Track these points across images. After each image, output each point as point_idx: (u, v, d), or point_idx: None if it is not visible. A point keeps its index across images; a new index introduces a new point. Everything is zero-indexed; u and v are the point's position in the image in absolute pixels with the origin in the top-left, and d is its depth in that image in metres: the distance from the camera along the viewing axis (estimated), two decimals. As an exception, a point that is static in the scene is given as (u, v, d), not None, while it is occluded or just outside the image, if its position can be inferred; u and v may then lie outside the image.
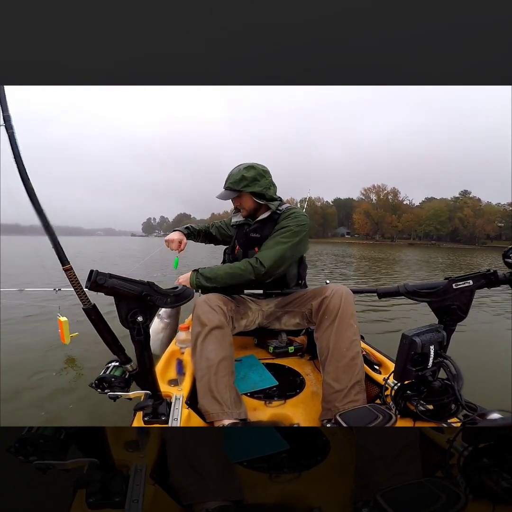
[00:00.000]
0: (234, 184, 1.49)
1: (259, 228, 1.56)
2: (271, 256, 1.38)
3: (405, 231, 75.25)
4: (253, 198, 1.51)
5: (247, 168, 1.49)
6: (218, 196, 1.55)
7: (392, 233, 75.22)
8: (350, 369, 1.16)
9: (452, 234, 70.47)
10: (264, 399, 1.30)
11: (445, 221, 69.81)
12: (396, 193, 77.94)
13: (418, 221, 72.34)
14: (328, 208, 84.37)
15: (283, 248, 1.40)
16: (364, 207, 77.23)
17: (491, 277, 1.00)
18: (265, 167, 1.55)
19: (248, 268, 1.37)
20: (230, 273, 1.37)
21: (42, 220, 0.90)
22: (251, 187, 1.48)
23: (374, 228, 76.41)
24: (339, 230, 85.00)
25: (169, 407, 1.01)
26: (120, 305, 0.85)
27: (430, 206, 73.52)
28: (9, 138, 0.89)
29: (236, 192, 1.51)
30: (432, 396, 0.94)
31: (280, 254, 1.39)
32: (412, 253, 24.76)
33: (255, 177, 1.48)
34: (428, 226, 70.92)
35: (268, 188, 1.52)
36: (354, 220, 79.22)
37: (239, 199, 1.55)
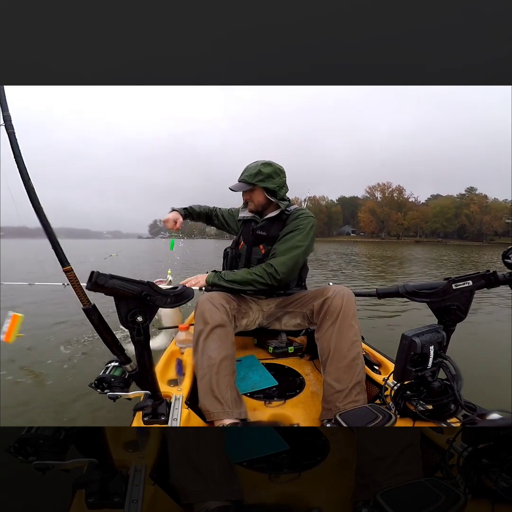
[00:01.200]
0: (249, 177, 1.51)
1: (266, 226, 1.57)
2: (286, 263, 1.41)
3: (411, 229, 74.49)
4: (264, 193, 1.53)
5: (265, 164, 1.52)
6: (232, 187, 1.57)
7: (398, 231, 74.46)
8: (351, 370, 1.16)
9: (459, 231, 69.75)
10: (264, 399, 1.30)
11: (451, 218, 69.19)
12: (401, 190, 77.04)
13: (424, 218, 71.67)
14: (333, 206, 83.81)
15: (297, 255, 1.43)
16: (369, 205, 76.47)
17: (491, 277, 1.00)
18: (281, 167, 1.57)
19: (264, 275, 1.39)
20: (249, 279, 1.39)
21: (42, 220, 0.90)
22: (265, 183, 1.50)
23: (380, 226, 75.65)
24: (344, 228, 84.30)
25: (168, 407, 1.01)
26: (120, 305, 0.85)
27: (436, 203, 72.91)
28: (9, 138, 0.89)
29: (250, 185, 1.53)
30: (432, 396, 0.94)
31: (295, 261, 1.43)
32: (421, 251, 24.39)
33: (271, 174, 1.50)
34: (435, 223, 70.37)
35: (281, 187, 1.54)
36: (359, 218, 78.41)
37: (251, 192, 1.56)
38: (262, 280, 1.39)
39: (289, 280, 1.45)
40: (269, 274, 1.38)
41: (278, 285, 1.42)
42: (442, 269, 10.88)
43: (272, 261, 1.41)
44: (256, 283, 1.39)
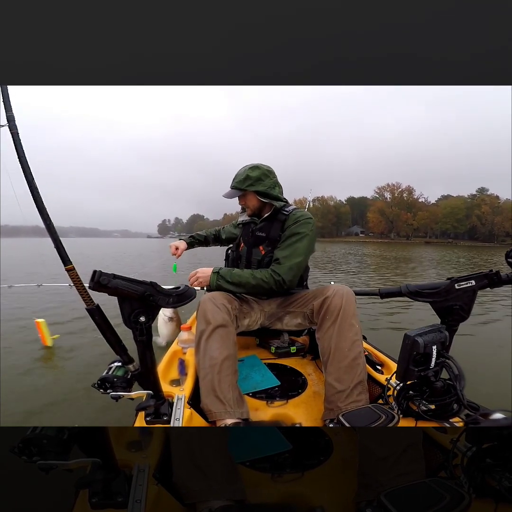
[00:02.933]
0: (239, 183, 1.53)
1: (265, 227, 1.58)
2: (291, 270, 1.41)
3: (421, 229, 73.83)
4: (257, 196, 1.54)
5: (252, 168, 1.54)
6: (224, 195, 1.61)
7: (408, 231, 73.77)
8: (352, 369, 1.16)
9: (470, 232, 68.97)
10: (266, 399, 1.30)
11: (462, 219, 68.43)
12: (411, 191, 76.41)
13: (434, 219, 71.04)
14: (341, 207, 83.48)
15: (301, 261, 1.44)
16: (378, 206, 75.88)
17: (494, 277, 1.00)
18: (269, 168, 1.59)
19: (271, 281, 1.40)
20: (253, 284, 1.40)
21: (45, 220, 0.90)
22: (255, 186, 1.52)
23: (389, 227, 75.05)
24: (353, 229, 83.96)
25: (171, 407, 1.01)
26: (123, 305, 0.85)
27: (447, 203, 72.18)
28: (13, 138, 0.88)
29: (240, 191, 1.55)
30: (434, 396, 0.94)
31: (299, 266, 1.44)
32: (434, 252, 24.01)
33: (259, 177, 1.52)
34: (445, 224, 69.63)
35: (273, 188, 1.55)
36: (368, 218, 77.80)
37: (244, 198, 1.58)
38: (267, 286, 1.40)
39: (294, 286, 1.47)
40: (276, 281, 1.40)
41: (284, 290, 1.43)
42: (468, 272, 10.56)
43: (278, 268, 1.42)
44: (260, 288, 1.40)
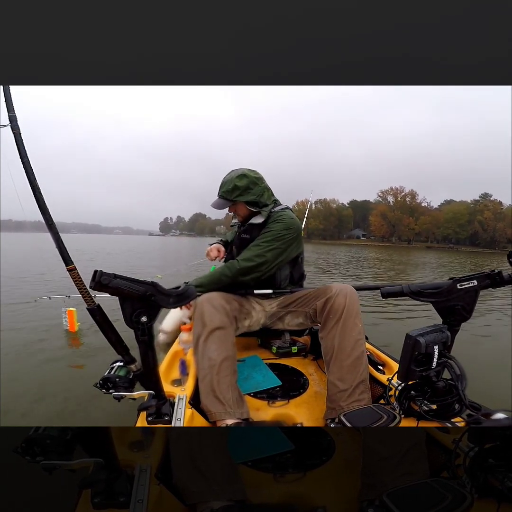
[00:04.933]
0: (227, 194, 1.50)
1: (249, 230, 1.58)
2: (247, 255, 1.44)
3: (422, 234, 73.21)
4: (246, 206, 1.53)
5: (240, 177, 1.49)
6: (212, 204, 1.56)
7: (409, 235, 73.15)
8: (355, 369, 1.16)
9: (472, 238, 68.23)
10: (268, 399, 1.30)
11: (464, 224, 67.64)
12: (414, 195, 75.74)
13: (436, 224, 70.40)
14: (344, 210, 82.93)
15: (260, 248, 1.44)
16: (381, 209, 75.24)
17: (496, 277, 0.99)
18: (257, 174, 1.55)
19: (225, 269, 1.44)
20: (211, 278, 1.44)
21: (47, 220, 0.90)
22: (244, 197, 1.49)
23: (391, 230, 74.47)
24: (355, 232, 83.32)
25: (172, 407, 1.01)
26: (125, 305, 0.85)
27: (449, 208, 71.36)
28: (15, 138, 0.89)
29: (230, 202, 1.52)
30: (436, 396, 0.94)
31: (256, 254, 1.44)
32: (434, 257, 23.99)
33: (248, 186, 1.48)
34: (447, 229, 69.01)
35: (261, 195, 1.52)
36: (370, 222, 77.21)
37: (234, 207, 1.56)
38: (223, 273, 1.43)
39: (254, 272, 1.43)
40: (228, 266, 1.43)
41: (240, 275, 1.42)
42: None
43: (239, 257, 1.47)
44: (219, 278, 1.43)
